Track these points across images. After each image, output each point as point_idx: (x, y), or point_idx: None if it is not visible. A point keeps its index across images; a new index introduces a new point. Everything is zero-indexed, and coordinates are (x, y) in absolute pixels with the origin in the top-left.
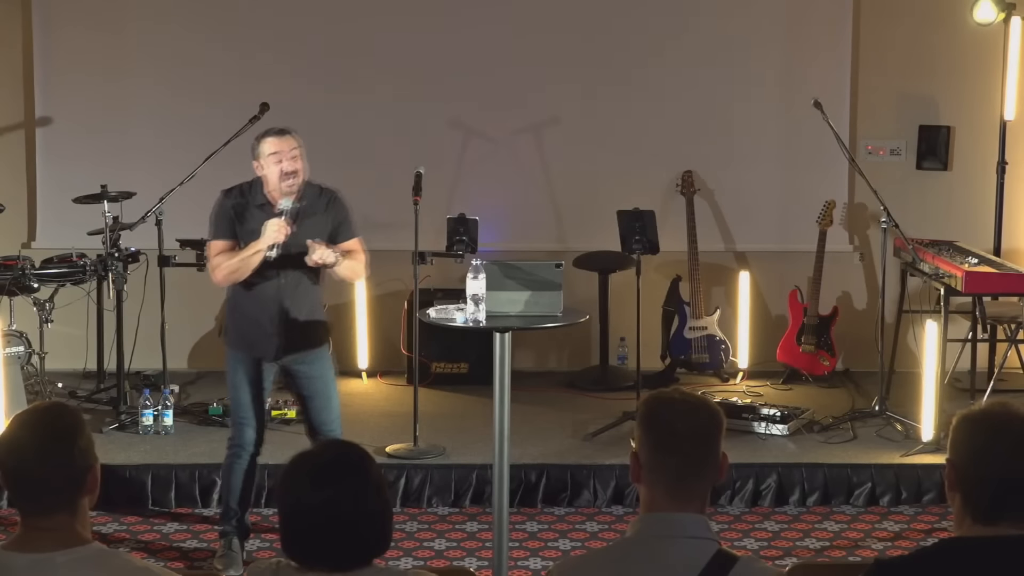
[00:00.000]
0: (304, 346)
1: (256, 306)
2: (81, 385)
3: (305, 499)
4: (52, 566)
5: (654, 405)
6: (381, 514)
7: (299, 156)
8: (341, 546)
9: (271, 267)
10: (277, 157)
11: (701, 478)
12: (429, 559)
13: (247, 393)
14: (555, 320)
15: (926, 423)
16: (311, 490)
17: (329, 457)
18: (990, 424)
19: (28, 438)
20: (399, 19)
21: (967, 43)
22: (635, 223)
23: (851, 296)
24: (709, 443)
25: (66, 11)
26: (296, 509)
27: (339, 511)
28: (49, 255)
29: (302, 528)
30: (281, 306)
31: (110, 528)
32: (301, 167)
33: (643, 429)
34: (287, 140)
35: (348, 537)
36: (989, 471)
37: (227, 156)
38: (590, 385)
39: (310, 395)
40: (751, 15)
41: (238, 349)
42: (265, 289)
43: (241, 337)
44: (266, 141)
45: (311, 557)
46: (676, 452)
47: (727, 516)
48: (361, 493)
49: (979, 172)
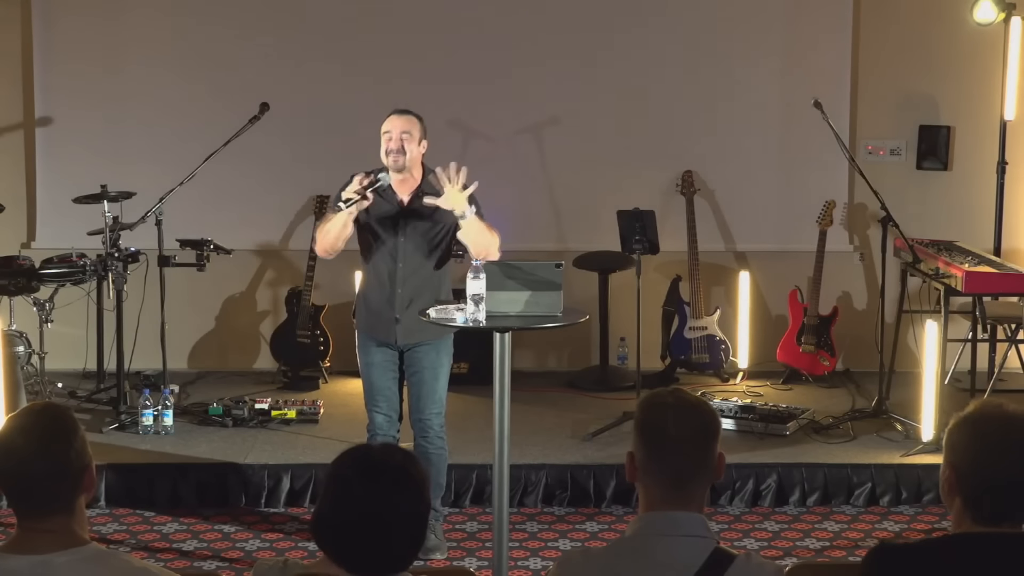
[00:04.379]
0: (422, 334)
1: (378, 290)
2: (81, 385)
3: (350, 497)
4: (51, 567)
5: (649, 407)
6: (419, 531)
7: (409, 139)
8: (371, 551)
9: (392, 252)
10: (388, 135)
11: (698, 479)
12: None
13: (374, 376)
14: (555, 320)
15: (926, 423)
16: (357, 488)
17: (377, 457)
18: (990, 427)
19: (23, 440)
20: (399, 19)
21: (967, 43)
22: (635, 223)
23: (851, 296)
24: (705, 445)
25: (66, 11)
26: (339, 507)
27: (384, 515)
28: (49, 255)
29: (340, 524)
30: (401, 291)
31: (110, 528)
32: (411, 148)
33: (639, 432)
34: (400, 121)
35: (383, 543)
36: (992, 474)
37: (227, 156)
38: (590, 385)
39: (414, 383)
40: (751, 15)
41: (364, 331)
42: (386, 273)
43: (366, 320)
44: (387, 119)
45: (339, 555)
46: (672, 455)
47: (727, 516)
48: (406, 496)
49: (979, 172)
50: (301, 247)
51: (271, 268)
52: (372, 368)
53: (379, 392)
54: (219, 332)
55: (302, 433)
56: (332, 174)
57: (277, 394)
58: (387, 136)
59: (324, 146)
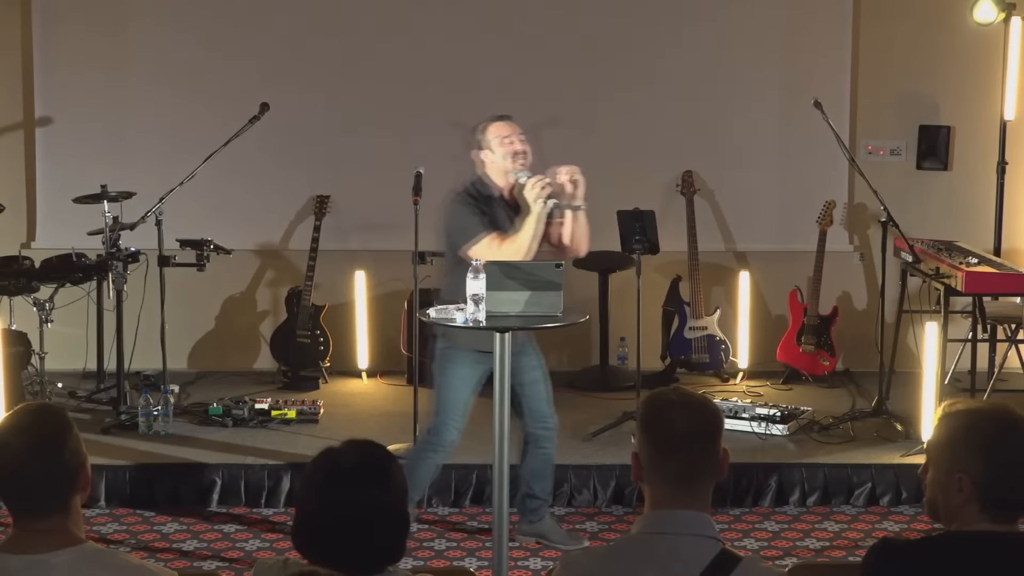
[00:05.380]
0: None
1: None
2: (81, 385)
3: (326, 499)
4: (47, 567)
5: (653, 405)
6: (400, 519)
7: (525, 140)
8: (357, 550)
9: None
10: (509, 139)
11: (703, 477)
12: (429, 559)
13: (460, 392)
14: (555, 320)
15: (926, 423)
16: (333, 490)
17: (354, 457)
18: (993, 428)
19: (17, 440)
20: (400, 19)
21: (967, 43)
22: (635, 223)
23: (851, 296)
24: (709, 442)
25: (66, 11)
26: (316, 508)
27: (359, 513)
28: (49, 255)
29: (320, 528)
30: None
31: (110, 528)
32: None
33: (643, 430)
34: (510, 126)
35: (365, 541)
36: (998, 474)
37: (227, 156)
38: (590, 385)
39: (530, 382)
40: (751, 15)
41: (461, 344)
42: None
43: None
44: (492, 126)
45: (326, 558)
46: (677, 452)
47: (727, 516)
48: (384, 497)
49: (979, 172)
50: (301, 247)
51: (271, 268)
52: (463, 384)
53: (462, 408)
54: (219, 332)
55: (302, 433)
56: (332, 175)
57: (277, 394)
58: (507, 140)
59: (324, 147)
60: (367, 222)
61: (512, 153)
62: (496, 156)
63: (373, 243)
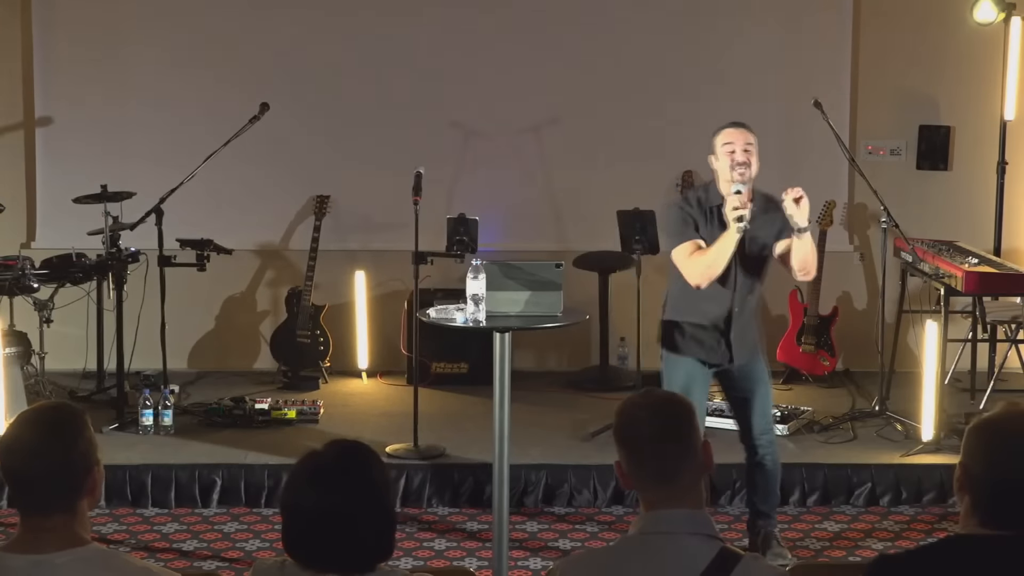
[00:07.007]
0: (752, 348)
1: (711, 309)
2: (81, 385)
3: (308, 500)
4: (51, 567)
5: (622, 414)
6: (385, 518)
7: (752, 152)
8: (343, 549)
9: (727, 270)
10: (731, 147)
11: (686, 473)
12: (429, 559)
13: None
14: (555, 320)
15: (926, 423)
16: (315, 491)
17: (335, 458)
18: (1004, 428)
19: (29, 437)
20: (400, 19)
21: (967, 43)
22: (635, 223)
23: (851, 296)
24: (682, 437)
25: (66, 11)
26: (299, 510)
27: (342, 513)
28: (49, 255)
29: (305, 529)
30: (735, 309)
31: (110, 528)
32: (753, 161)
33: (617, 440)
34: (742, 133)
35: (351, 540)
36: (1001, 476)
37: (227, 156)
38: (590, 385)
39: (751, 396)
40: (751, 14)
41: (684, 353)
42: (721, 292)
43: (691, 340)
44: (722, 133)
45: (313, 559)
46: (653, 454)
47: (727, 516)
48: (365, 496)
49: (979, 172)
50: (301, 247)
51: (271, 268)
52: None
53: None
54: (219, 332)
55: (302, 433)
56: (332, 174)
57: (277, 394)
58: (730, 148)
59: (324, 147)
60: (367, 222)
61: (732, 162)
62: (721, 164)
63: (373, 243)
